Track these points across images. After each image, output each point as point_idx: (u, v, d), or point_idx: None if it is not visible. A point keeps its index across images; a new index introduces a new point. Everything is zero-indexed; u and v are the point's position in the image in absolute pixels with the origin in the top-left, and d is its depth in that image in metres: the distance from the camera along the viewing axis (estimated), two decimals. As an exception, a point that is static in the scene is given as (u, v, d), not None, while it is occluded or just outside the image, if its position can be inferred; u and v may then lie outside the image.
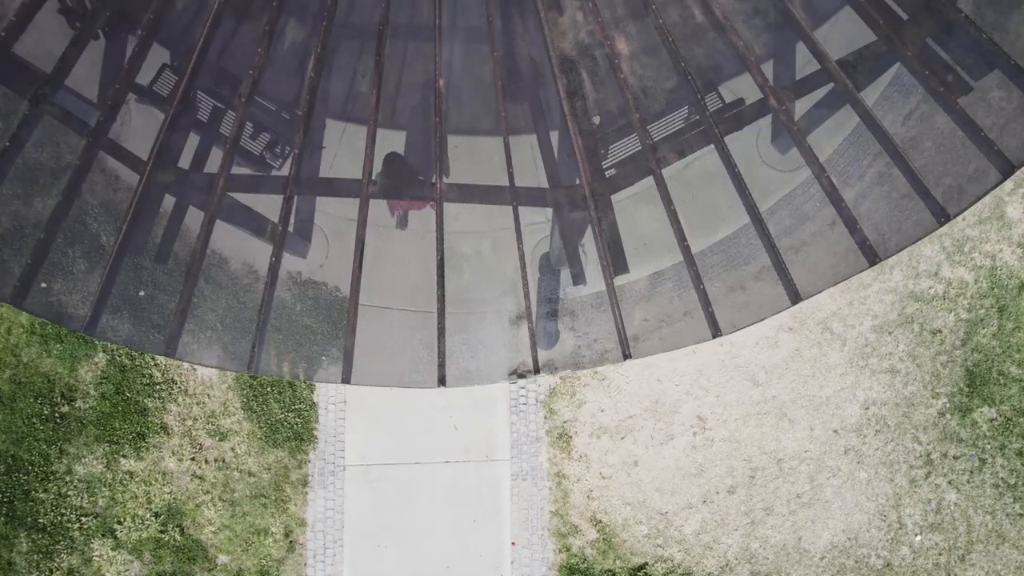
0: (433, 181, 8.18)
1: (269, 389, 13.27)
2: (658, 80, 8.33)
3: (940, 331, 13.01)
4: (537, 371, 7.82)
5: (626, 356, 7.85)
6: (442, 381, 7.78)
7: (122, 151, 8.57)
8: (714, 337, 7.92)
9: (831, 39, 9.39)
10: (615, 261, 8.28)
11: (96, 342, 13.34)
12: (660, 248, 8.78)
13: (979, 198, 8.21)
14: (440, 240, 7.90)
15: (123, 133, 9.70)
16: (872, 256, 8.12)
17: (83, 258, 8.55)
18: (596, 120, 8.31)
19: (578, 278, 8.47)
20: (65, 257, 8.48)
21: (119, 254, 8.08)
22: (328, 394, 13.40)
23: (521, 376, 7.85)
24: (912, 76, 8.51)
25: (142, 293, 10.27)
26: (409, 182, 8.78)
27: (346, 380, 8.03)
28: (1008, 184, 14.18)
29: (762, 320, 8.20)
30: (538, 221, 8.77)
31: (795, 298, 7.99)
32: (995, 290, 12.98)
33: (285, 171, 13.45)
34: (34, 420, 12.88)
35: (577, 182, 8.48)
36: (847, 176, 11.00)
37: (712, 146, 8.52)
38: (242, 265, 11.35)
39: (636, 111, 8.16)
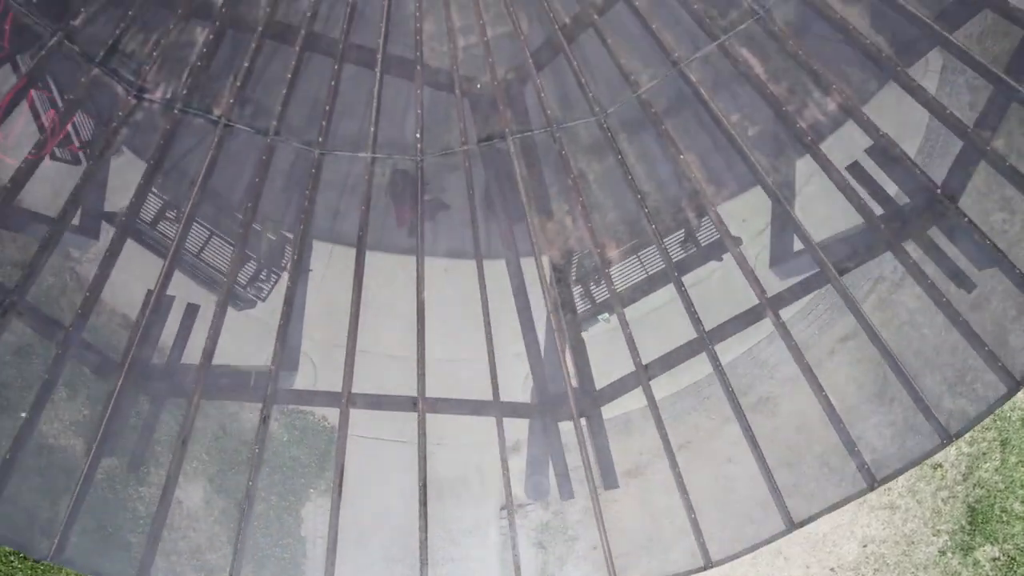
0: (415, 398, 7.88)
1: (256, 522, 12.98)
2: (651, 291, 8.02)
3: (940, 465, 12.71)
4: (523, 607, 7.55)
5: (615, 589, 7.58)
6: (425, 617, 7.51)
7: (93, 356, 8.26)
8: (706, 568, 7.64)
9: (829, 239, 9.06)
10: (605, 475, 8.00)
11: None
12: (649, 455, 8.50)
13: (983, 417, 7.91)
14: (423, 469, 7.60)
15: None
16: (871, 479, 7.82)
17: (47, 487, 8.26)
18: (585, 335, 7.99)
19: (565, 492, 8.18)
20: (30, 477, 8.19)
21: (87, 478, 7.79)
22: (316, 528, 13.11)
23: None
24: (915, 283, 8.18)
25: (132, 421, 9.96)
26: (414, 197, 8.45)
27: (325, 615, 7.74)
28: (1011, 311, 13.90)
29: (756, 548, 7.91)
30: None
31: (790, 525, 7.70)
32: (997, 422, 12.66)
33: (270, 300, 13.11)
34: (12, 558, 12.59)
35: (563, 387, 8.18)
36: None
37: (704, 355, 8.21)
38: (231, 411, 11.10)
39: (627, 327, 7.84)
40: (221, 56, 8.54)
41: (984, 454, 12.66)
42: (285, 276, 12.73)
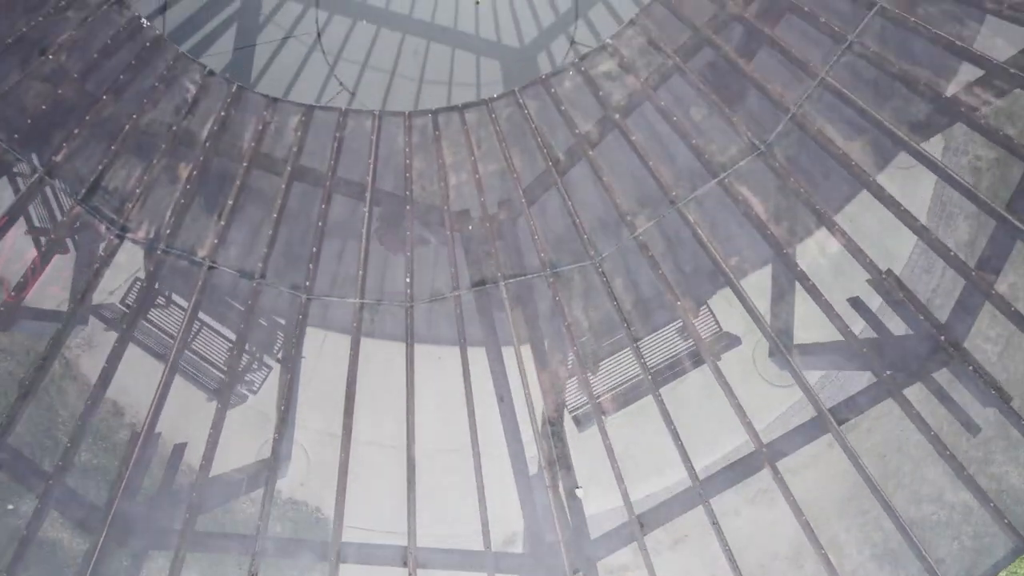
0: (406, 547, 7.67)
1: (248, 617, 12.80)
2: (642, 438, 7.80)
3: (944, 560, 12.48)
4: None
5: None
6: None
7: (76, 509, 8.05)
8: None
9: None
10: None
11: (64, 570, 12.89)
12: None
13: (988, 576, 7.68)
14: (412, 633, 7.40)
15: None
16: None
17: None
18: (579, 493, 7.78)
19: (560, 649, 7.97)
20: (18, 572, 8.00)
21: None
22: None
23: None
24: (918, 431, 7.96)
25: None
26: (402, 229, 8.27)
27: None
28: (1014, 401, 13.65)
29: None
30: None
31: None
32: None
33: (261, 391, 12.88)
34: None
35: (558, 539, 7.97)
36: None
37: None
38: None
39: (622, 482, 7.63)
40: (205, 192, 8.31)
41: (988, 549, 12.44)
42: (277, 369, 12.55)
